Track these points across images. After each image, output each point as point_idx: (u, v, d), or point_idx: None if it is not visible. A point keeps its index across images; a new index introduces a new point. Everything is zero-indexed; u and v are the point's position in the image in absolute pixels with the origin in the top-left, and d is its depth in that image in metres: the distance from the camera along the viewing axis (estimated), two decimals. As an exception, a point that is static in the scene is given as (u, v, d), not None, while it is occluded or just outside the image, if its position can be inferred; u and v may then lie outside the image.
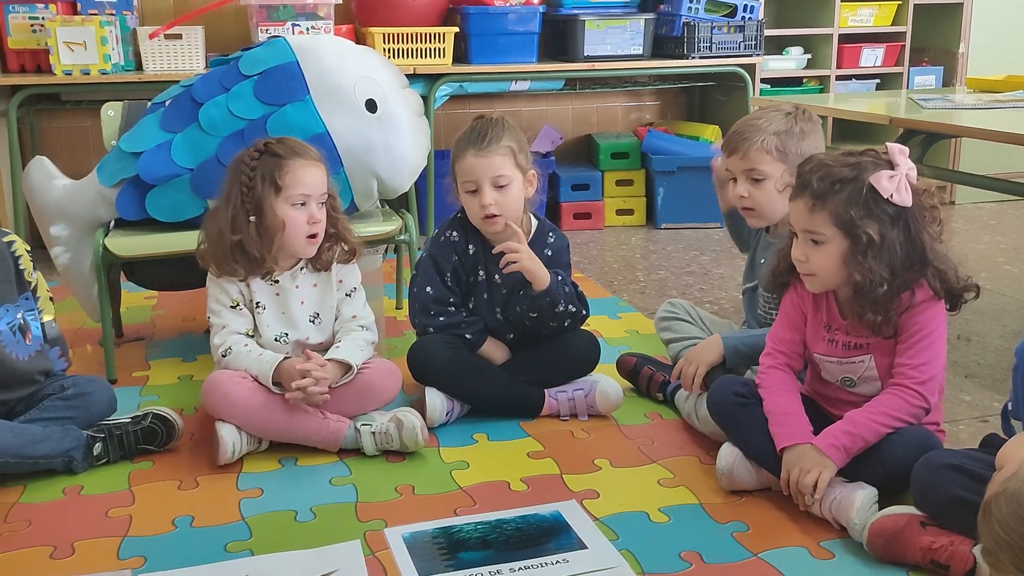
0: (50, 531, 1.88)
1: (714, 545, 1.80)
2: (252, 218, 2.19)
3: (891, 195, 1.79)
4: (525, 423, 2.35)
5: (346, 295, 2.34)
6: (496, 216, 2.29)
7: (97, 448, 2.13)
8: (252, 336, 2.24)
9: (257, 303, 2.25)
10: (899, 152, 1.82)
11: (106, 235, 2.59)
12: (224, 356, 2.20)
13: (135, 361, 2.82)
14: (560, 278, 2.35)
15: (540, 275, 2.30)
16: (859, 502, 1.77)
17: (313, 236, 2.23)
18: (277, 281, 2.27)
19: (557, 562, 1.74)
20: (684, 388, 2.29)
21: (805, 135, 2.20)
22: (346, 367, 2.18)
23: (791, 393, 1.95)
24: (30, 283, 2.20)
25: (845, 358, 1.93)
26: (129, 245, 2.60)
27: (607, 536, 1.83)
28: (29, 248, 2.21)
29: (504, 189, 2.29)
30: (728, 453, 1.97)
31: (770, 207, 2.21)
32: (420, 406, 2.31)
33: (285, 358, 2.16)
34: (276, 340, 2.26)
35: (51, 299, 2.28)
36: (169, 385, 2.64)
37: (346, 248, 2.33)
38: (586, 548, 1.79)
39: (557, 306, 2.33)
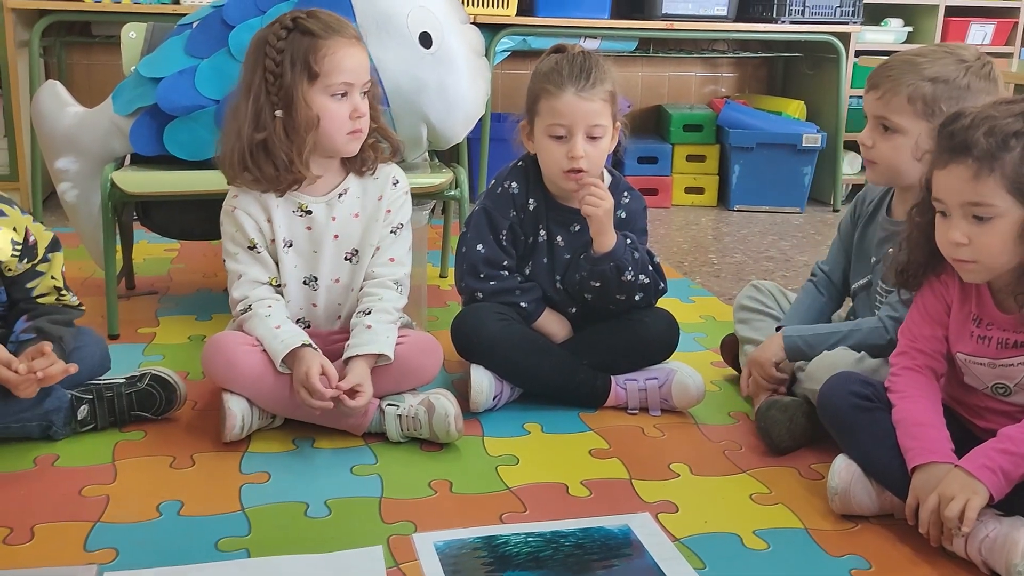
0: (10, 508, 1.55)
1: (828, 584, 1.42)
2: (279, 113, 1.80)
3: None
4: (586, 414, 1.98)
5: (391, 231, 1.95)
6: (582, 172, 1.93)
7: (82, 412, 1.80)
8: (277, 286, 1.89)
9: (283, 240, 1.88)
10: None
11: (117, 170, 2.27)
12: (243, 313, 1.85)
13: (143, 316, 2.50)
14: (629, 242, 1.98)
15: (605, 233, 1.94)
16: (1024, 544, 1.38)
17: (356, 131, 1.85)
18: (310, 212, 1.89)
19: (628, 593, 1.39)
20: (753, 398, 1.96)
21: (971, 92, 1.72)
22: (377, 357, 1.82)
23: (929, 401, 1.56)
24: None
25: (999, 359, 1.53)
26: (140, 182, 2.28)
27: (691, 563, 1.46)
28: None
29: (596, 141, 1.93)
30: (843, 468, 1.59)
31: (897, 164, 1.80)
32: (464, 387, 1.97)
33: (305, 344, 1.78)
34: (305, 284, 1.91)
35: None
36: (178, 345, 2.31)
37: (387, 146, 1.94)
38: (664, 577, 1.43)
39: (624, 274, 1.96)
